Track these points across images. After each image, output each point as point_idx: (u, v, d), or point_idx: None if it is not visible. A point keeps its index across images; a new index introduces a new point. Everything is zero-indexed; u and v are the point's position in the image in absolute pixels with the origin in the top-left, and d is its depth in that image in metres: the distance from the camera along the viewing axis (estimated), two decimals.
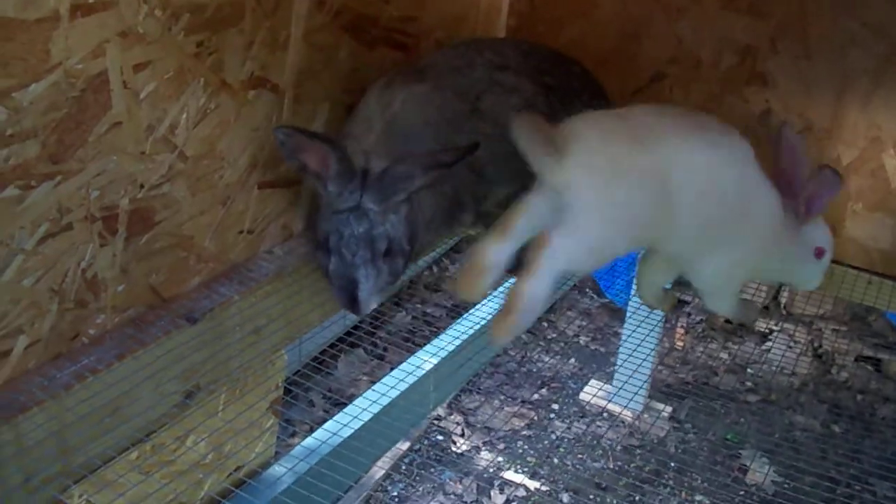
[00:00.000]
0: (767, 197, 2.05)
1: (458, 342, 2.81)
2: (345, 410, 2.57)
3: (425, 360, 2.76)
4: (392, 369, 2.87)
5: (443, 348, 2.79)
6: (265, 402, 2.54)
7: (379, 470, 3.70)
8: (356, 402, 2.62)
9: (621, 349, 4.02)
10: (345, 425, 2.45)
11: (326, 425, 2.49)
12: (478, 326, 2.85)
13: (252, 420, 2.50)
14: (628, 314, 3.83)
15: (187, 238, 2.13)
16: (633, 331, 3.15)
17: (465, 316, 2.99)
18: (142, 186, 1.95)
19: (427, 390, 2.79)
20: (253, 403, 2.45)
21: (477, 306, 3.02)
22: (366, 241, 2.10)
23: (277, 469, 2.40)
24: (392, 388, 2.65)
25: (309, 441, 2.50)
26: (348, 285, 2.12)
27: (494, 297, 2.96)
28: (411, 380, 2.73)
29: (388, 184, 2.07)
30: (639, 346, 2.80)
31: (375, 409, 2.56)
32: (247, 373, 2.33)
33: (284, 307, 2.32)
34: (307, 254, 2.41)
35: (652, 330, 3.27)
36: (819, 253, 2.18)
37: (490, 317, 2.88)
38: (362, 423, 2.48)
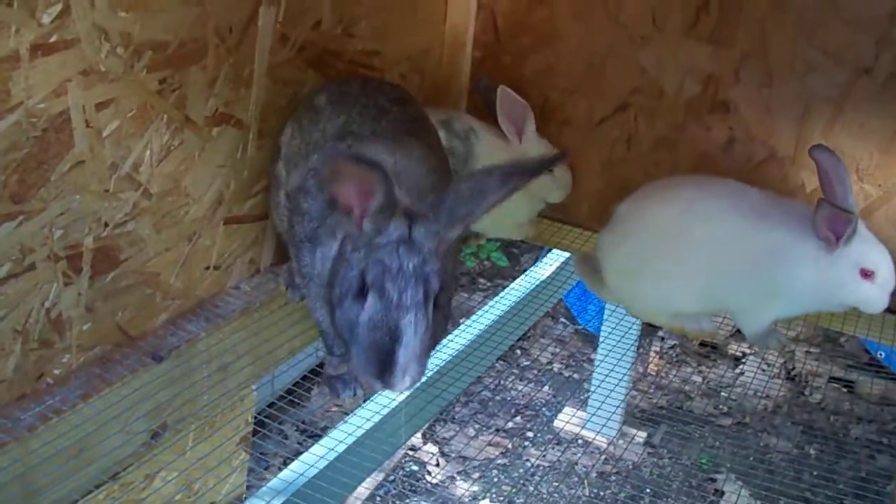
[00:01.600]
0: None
1: (430, 373, 2.80)
2: (318, 444, 2.55)
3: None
4: (365, 401, 2.86)
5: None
6: (235, 438, 2.52)
7: (354, 502, 3.67)
8: (330, 434, 2.61)
9: (595, 375, 4.01)
10: (319, 458, 2.43)
11: (300, 459, 2.48)
12: (450, 358, 2.84)
13: (222, 457, 2.48)
14: (601, 340, 3.83)
15: (153, 275, 2.12)
16: (606, 356, 3.15)
17: (438, 346, 2.98)
18: (106, 225, 1.94)
19: (400, 422, 2.78)
20: (222, 443, 2.43)
21: (449, 338, 3.02)
22: (418, 278, 1.66)
23: None
24: (366, 420, 2.64)
25: (282, 475, 2.49)
26: (386, 338, 1.64)
27: (464, 329, 2.97)
28: (385, 412, 2.72)
29: (448, 211, 1.70)
30: (612, 371, 2.81)
31: (349, 441, 2.55)
32: (215, 410, 2.31)
33: (252, 343, 2.31)
34: (274, 289, 2.41)
35: (625, 355, 3.27)
36: (865, 274, 2.22)
37: (461, 348, 2.90)
38: (336, 455, 2.46)
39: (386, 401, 2.73)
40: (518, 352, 4.82)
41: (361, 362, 1.67)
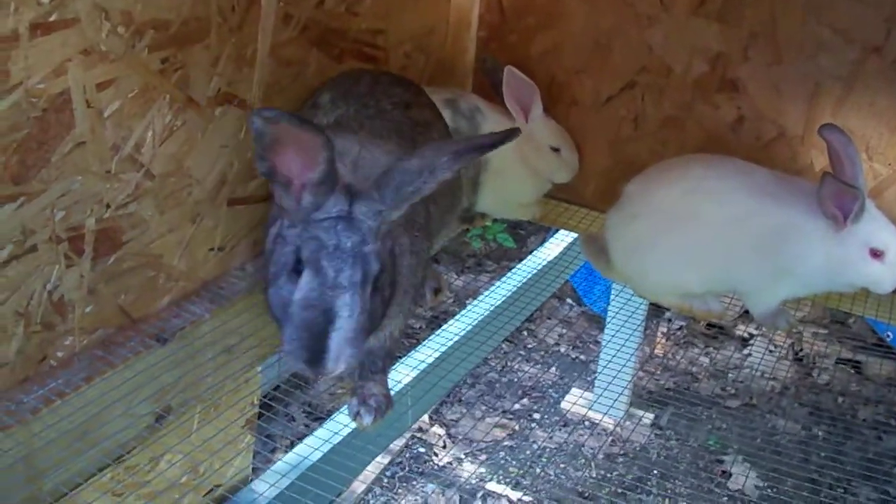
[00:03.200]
0: None
1: (437, 354, 2.79)
2: (325, 425, 2.54)
3: (405, 373, 2.74)
4: None
5: (422, 361, 2.77)
6: (240, 420, 2.51)
7: (360, 484, 3.67)
8: (336, 416, 2.60)
9: (601, 356, 4.01)
10: (324, 441, 2.43)
11: (306, 441, 2.48)
12: (457, 338, 2.83)
13: (227, 439, 2.47)
14: (607, 321, 3.81)
15: (156, 257, 2.11)
16: (613, 337, 3.13)
17: (444, 328, 2.97)
18: (108, 206, 1.92)
19: (407, 403, 2.77)
20: (226, 425, 2.42)
21: (455, 318, 3.01)
22: (356, 257, 1.58)
23: (256, 486, 2.37)
24: None
25: (288, 458, 2.48)
26: (320, 319, 1.56)
27: (470, 311, 2.96)
28: (391, 394, 2.71)
29: (395, 188, 1.61)
30: (618, 352, 2.79)
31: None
32: (220, 392, 2.30)
33: (256, 325, 2.29)
34: None
35: (631, 336, 3.26)
36: (875, 254, 2.20)
37: (467, 329, 2.89)
38: (342, 437, 2.46)
39: (392, 383, 2.72)
40: (524, 333, 4.80)
41: (293, 346, 1.59)
